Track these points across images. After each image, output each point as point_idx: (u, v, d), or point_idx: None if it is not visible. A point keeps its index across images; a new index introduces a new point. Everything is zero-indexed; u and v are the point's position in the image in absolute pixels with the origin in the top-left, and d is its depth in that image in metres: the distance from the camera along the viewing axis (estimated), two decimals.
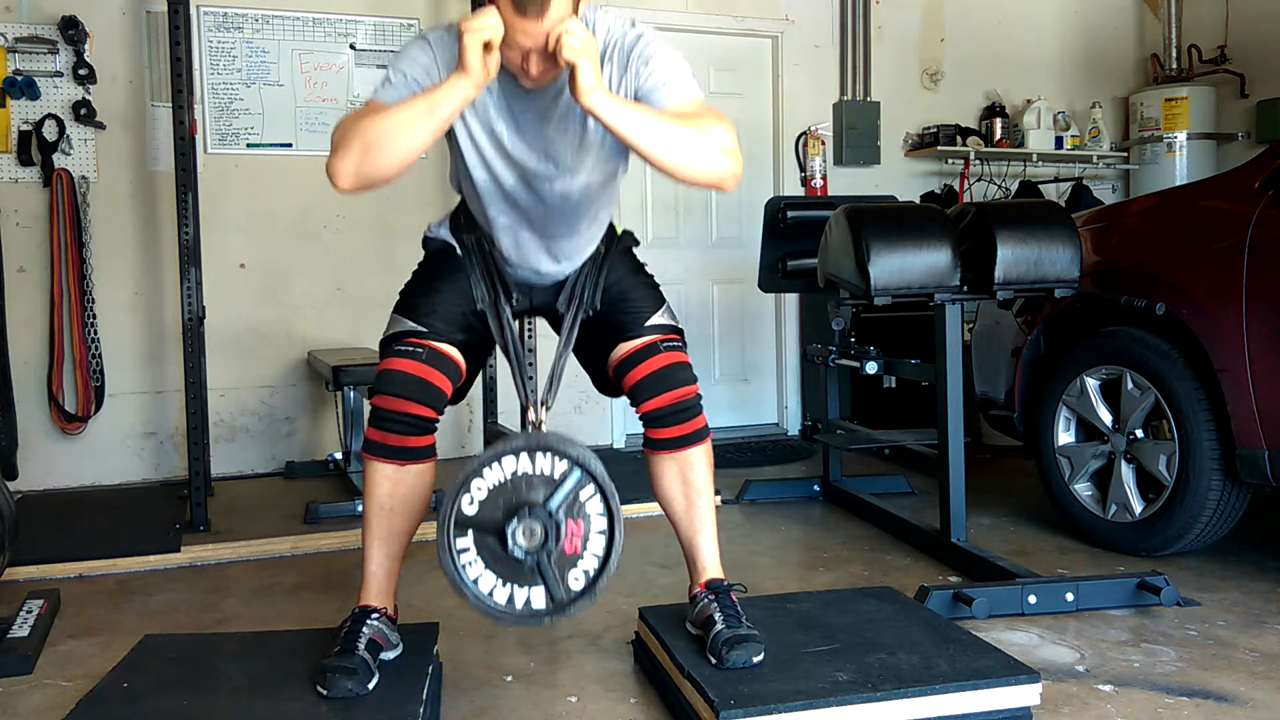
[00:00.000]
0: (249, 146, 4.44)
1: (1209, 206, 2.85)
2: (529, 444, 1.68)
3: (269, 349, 4.47)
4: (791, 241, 3.67)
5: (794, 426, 5.32)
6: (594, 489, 1.68)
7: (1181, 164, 5.62)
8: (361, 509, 2.02)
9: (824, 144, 5.32)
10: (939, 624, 2.11)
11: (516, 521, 1.66)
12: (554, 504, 1.67)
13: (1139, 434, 2.93)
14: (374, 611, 1.96)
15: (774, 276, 3.75)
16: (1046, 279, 2.77)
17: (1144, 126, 5.74)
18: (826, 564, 3.00)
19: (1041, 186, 5.63)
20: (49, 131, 4.11)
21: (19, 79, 4.05)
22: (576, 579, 1.69)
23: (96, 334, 4.19)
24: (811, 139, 5.31)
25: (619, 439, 5.02)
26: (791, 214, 3.66)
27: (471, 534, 1.68)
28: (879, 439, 3.66)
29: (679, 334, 2.07)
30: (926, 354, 3.05)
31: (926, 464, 3.52)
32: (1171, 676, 2.10)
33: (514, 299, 2.09)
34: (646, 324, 2.04)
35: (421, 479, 1.98)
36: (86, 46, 4.15)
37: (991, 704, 1.82)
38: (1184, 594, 2.55)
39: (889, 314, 3.38)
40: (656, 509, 2.18)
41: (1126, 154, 5.85)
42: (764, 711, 1.72)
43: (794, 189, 5.31)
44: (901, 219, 2.93)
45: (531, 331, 3.99)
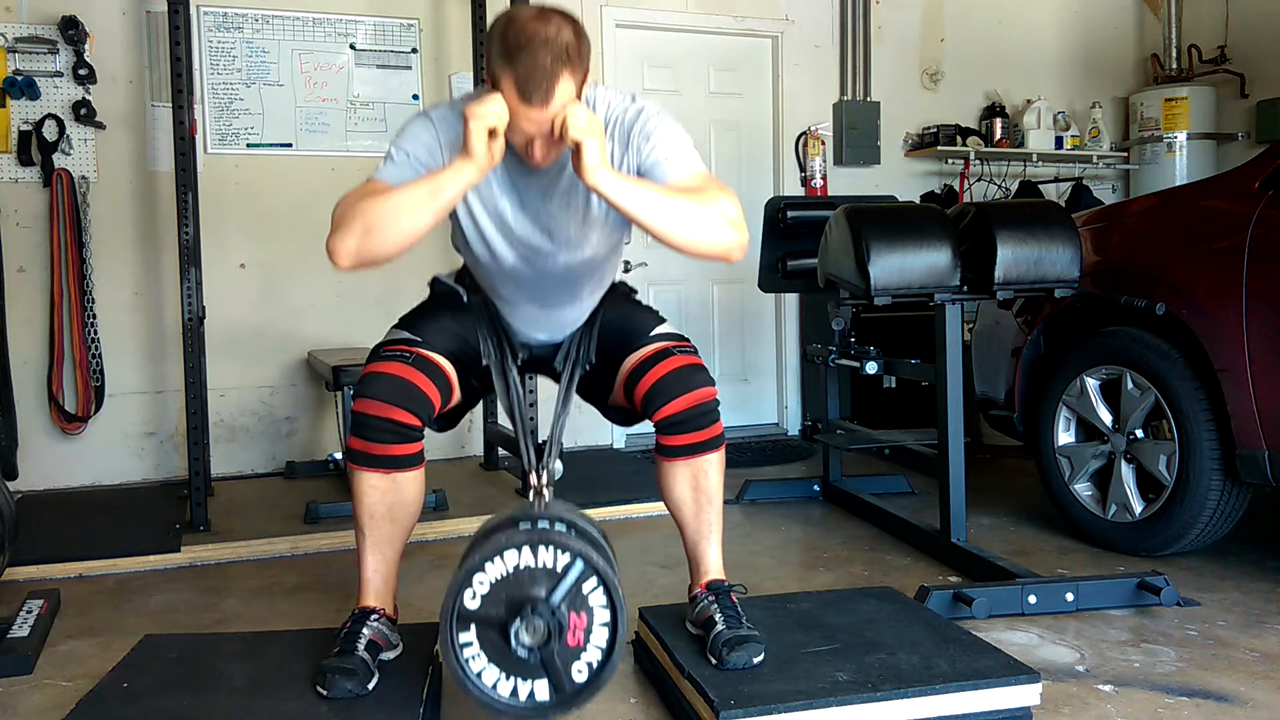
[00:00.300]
0: (249, 146, 4.44)
1: (1209, 206, 2.85)
2: (531, 539, 1.68)
3: (269, 349, 4.47)
4: (791, 241, 3.67)
5: (794, 426, 5.32)
6: (596, 581, 1.68)
7: (1181, 164, 5.62)
8: (351, 518, 1.99)
9: (824, 144, 5.32)
10: (939, 624, 2.11)
11: (520, 620, 1.65)
12: (556, 598, 1.66)
13: (1139, 434, 2.93)
14: (374, 612, 1.96)
15: (774, 276, 3.75)
16: (1046, 279, 2.77)
17: (1144, 126, 5.74)
18: (826, 564, 3.00)
19: (1041, 186, 5.63)
20: (49, 131, 4.11)
21: (19, 79, 4.05)
22: (580, 671, 1.69)
23: (96, 334, 4.19)
24: (811, 139, 5.31)
25: (619, 439, 5.02)
26: (791, 214, 3.67)
27: (474, 629, 1.68)
28: (879, 439, 3.66)
29: (687, 341, 2.04)
30: (926, 354, 3.05)
31: (926, 464, 3.52)
32: (1171, 676, 2.10)
33: (518, 358, 2.11)
34: (652, 334, 2.03)
35: (410, 486, 1.95)
36: (86, 46, 4.15)
37: (991, 704, 1.82)
38: (1184, 594, 2.55)
39: (889, 314, 3.38)
40: (657, 509, 2.18)
41: (1126, 154, 5.85)
42: (764, 711, 1.72)
43: (794, 189, 5.31)
44: (901, 219, 2.93)
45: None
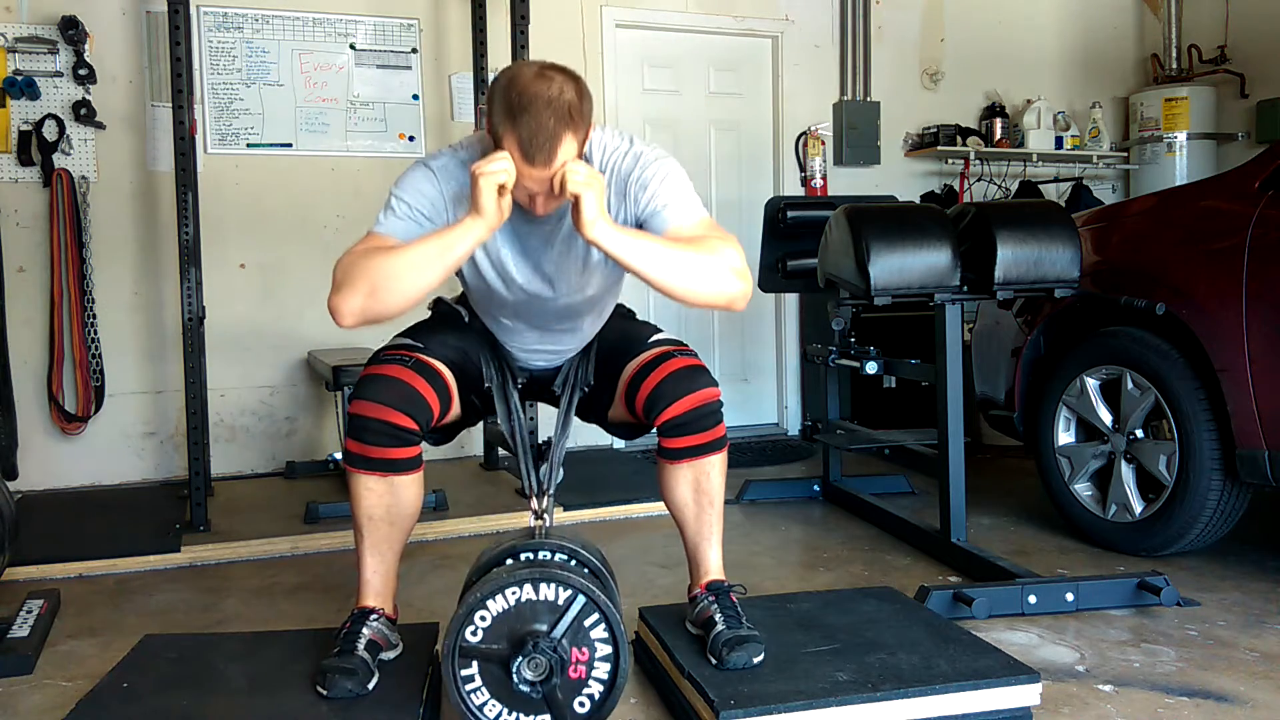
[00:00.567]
0: (249, 146, 4.44)
1: (1209, 206, 2.85)
2: (533, 575, 1.68)
3: (269, 349, 4.47)
4: (791, 241, 3.67)
5: (794, 426, 5.32)
6: (598, 616, 1.69)
7: (1181, 164, 5.62)
8: (351, 518, 1.99)
9: (824, 144, 5.32)
10: (939, 624, 2.11)
11: (522, 656, 1.66)
12: (558, 633, 1.67)
13: (1139, 434, 2.93)
14: (373, 612, 1.96)
15: (774, 276, 3.75)
16: (1046, 279, 2.77)
17: (1144, 126, 5.74)
18: (826, 564, 3.00)
19: (1041, 186, 5.63)
20: (49, 131, 4.11)
21: (19, 79, 4.05)
22: (581, 704, 1.70)
23: (96, 334, 4.19)
24: (811, 139, 5.31)
25: (619, 439, 5.02)
26: (791, 214, 3.66)
27: (476, 663, 1.68)
28: (879, 439, 3.66)
29: (686, 345, 2.03)
30: (926, 354, 3.05)
31: (926, 464, 3.52)
32: (1171, 676, 2.10)
33: (518, 382, 2.12)
34: (651, 340, 2.03)
35: (409, 489, 1.95)
36: (86, 46, 4.15)
37: (991, 704, 1.82)
38: (1184, 594, 2.55)
39: (889, 314, 3.38)
40: (656, 509, 2.18)
41: (1126, 154, 5.85)
42: (764, 711, 1.72)
43: (794, 189, 5.30)
44: (901, 219, 2.93)
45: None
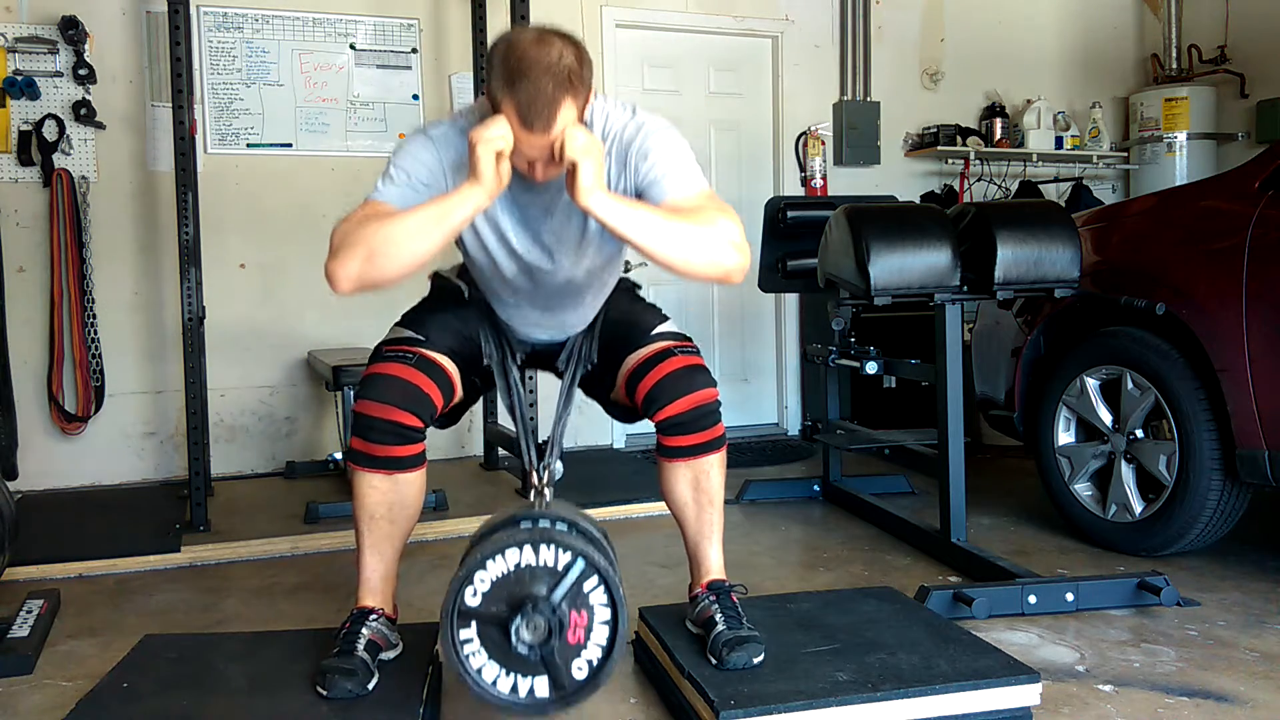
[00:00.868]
0: (249, 146, 4.44)
1: (1209, 206, 2.85)
2: (532, 537, 1.68)
3: (269, 349, 4.47)
4: (791, 241, 3.67)
5: (794, 426, 5.32)
6: (597, 579, 1.68)
7: (1181, 164, 5.62)
8: (352, 516, 1.99)
9: (824, 144, 5.32)
10: (939, 624, 2.11)
11: (520, 618, 1.66)
12: (557, 596, 1.66)
13: (1139, 434, 2.93)
14: (373, 612, 1.96)
15: (774, 276, 3.75)
16: (1046, 279, 2.77)
17: (1144, 126, 5.74)
18: (826, 564, 3.00)
19: (1041, 186, 5.63)
20: (49, 131, 4.11)
21: (19, 79, 4.05)
22: (580, 668, 1.69)
23: (96, 334, 4.19)
24: (811, 139, 5.31)
25: (619, 439, 5.02)
26: (791, 214, 3.66)
27: (474, 625, 1.68)
28: (879, 439, 3.66)
29: (689, 341, 2.03)
30: (926, 354, 3.05)
31: (926, 464, 3.52)
32: (1171, 676, 2.10)
33: (519, 356, 2.11)
34: (654, 332, 2.02)
35: (412, 487, 1.95)
36: (86, 46, 4.15)
37: (991, 704, 1.82)
38: (1184, 594, 2.55)
39: (889, 314, 3.38)
40: (657, 509, 2.18)
41: (1126, 154, 5.85)
42: (764, 711, 1.72)
43: (794, 189, 5.31)
44: (901, 219, 2.93)
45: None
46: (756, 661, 1.87)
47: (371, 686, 1.83)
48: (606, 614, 1.69)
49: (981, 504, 3.54)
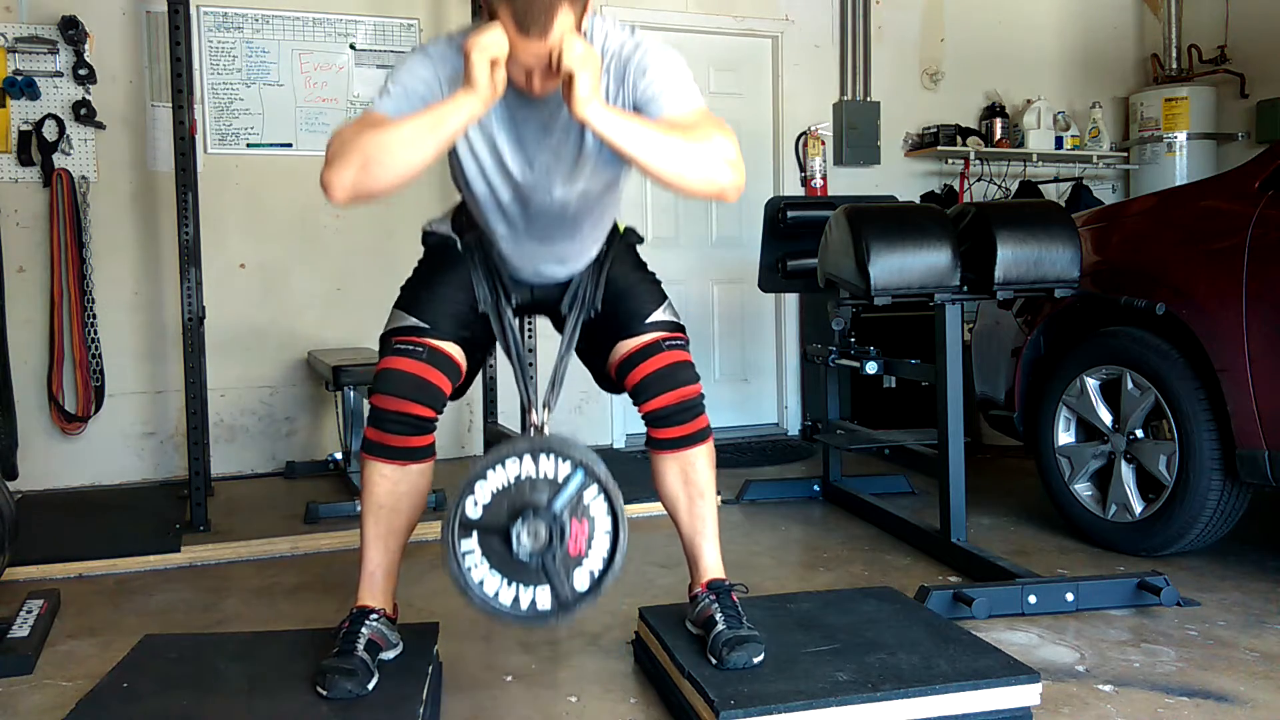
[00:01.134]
0: (249, 146, 4.44)
1: (1209, 206, 2.85)
2: (532, 447, 1.68)
3: (269, 349, 4.47)
4: (791, 241, 3.67)
5: (794, 426, 5.32)
6: (598, 490, 1.68)
7: (1181, 164, 5.62)
8: (359, 508, 2.01)
9: (824, 144, 5.32)
10: (939, 624, 2.11)
11: (521, 523, 1.66)
12: (558, 505, 1.67)
13: (1139, 434, 2.93)
14: (373, 612, 1.96)
15: (774, 276, 3.75)
16: (1046, 279, 2.77)
17: (1144, 126, 5.74)
18: (826, 564, 3.00)
19: (1041, 186, 5.63)
20: (49, 131, 4.11)
21: (19, 79, 4.05)
22: (581, 579, 1.69)
23: (96, 334, 4.19)
24: (811, 139, 5.31)
25: (619, 439, 5.02)
26: (791, 214, 3.66)
27: (476, 536, 1.68)
28: (879, 439, 3.66)
29: (681, 331, 2.05)
30: (926, 354, 3.05)
31: (926, 464, 3.52)
32: (1171, 676, 2.10)
33: (514, 299, 2.09)
34: (648, 321, 2.02)
35: (421, 479, 1.98)
36: (86, 46, 4.15)
37: (991, 704, 1.82)
38: (1184, 594, 2.55)
39: (889, 314, 3.38)
40: (657, 509, 2.18)
41: (1126, 154, 5.86)
42: (764, 711, 1.72)
43: (794, 189, 5.31)
44: (901, 219, 2.93)
45: (531, 332, 3.99)
46: (756, 661, 1.87)
47: (371, 686, 1.83)
48: (607, 524, 1.69)
49: (981, 504, 3.55)
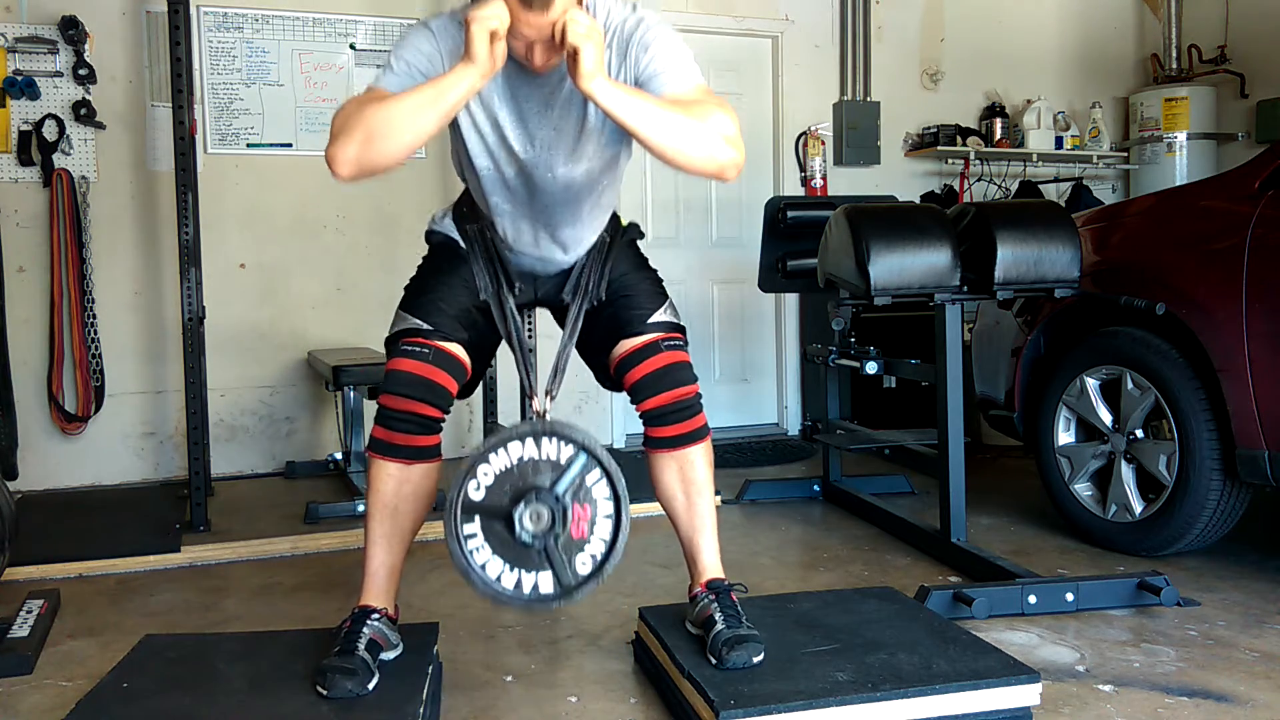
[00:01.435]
0: (249, 146, 4.45)
1: (1209, 206, 2.85)
2: (534, 430, 1.68)
3: (269, 349, 4.47)
4: (791, 241, 3.67)
5: (794, 426, 5.32)
6: (600, 474, 1.68)
7: (1181, 164, 5.62)
8: (364, 508, 2.02)
9: (824, 144, 5.32)
10: (939, 624, 2.11)
11: (523, 506, 1.66)
12: (560, 488, 1.67)
13: (1139, 434, 2.93)
14: (374, 612, 1.96)
15: (774, 276, 3.75)
16: (1046, 279, 2.77)
17: (1144, 126, 5.74)
18: (826, 564, 3.00)
19: (1041, 186, 5.63)
20: (49, 131, 4.11)
21: (19, 79, 4.05)
22: (584, 563, 1.69)
23: (96, 334, 4.19)
24: (811, 139, 5.31)
25: (619, 439, 5.02)
26: (791, 214, 3.67)
27: (478, 519, 1.68)
28: (879, 439, 3.66)
29: (681, 331, 2.06)
30: (926, 354, 3.05)
31: (926, 464, 3.52)
32: (1171, 676, 2.10)
33: (517, 289, 2.09)
34: (648, 321, 2.03)
35: (427, 478, 1.99)
36: (86, 46, 4.15)
37: (991, 704, 1.82)
38: (1184, 594, 2.55)
39: (889, 314, 3.38)
40: (657, 509, 2.18)
41: (1126, 154, 5.86)
42: (764, 711, 1.72)
43: (794, 189, 5.31)
44: (901, 219, 2.93)
45: (531, 331, 3.99)
46: (756, 661, 1.87)
47: (372, 686, 1.83)
48: (609, 508, 1.69)
49: (981, 504, 3.55)
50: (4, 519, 2.51)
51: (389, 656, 1.95)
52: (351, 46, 4.58)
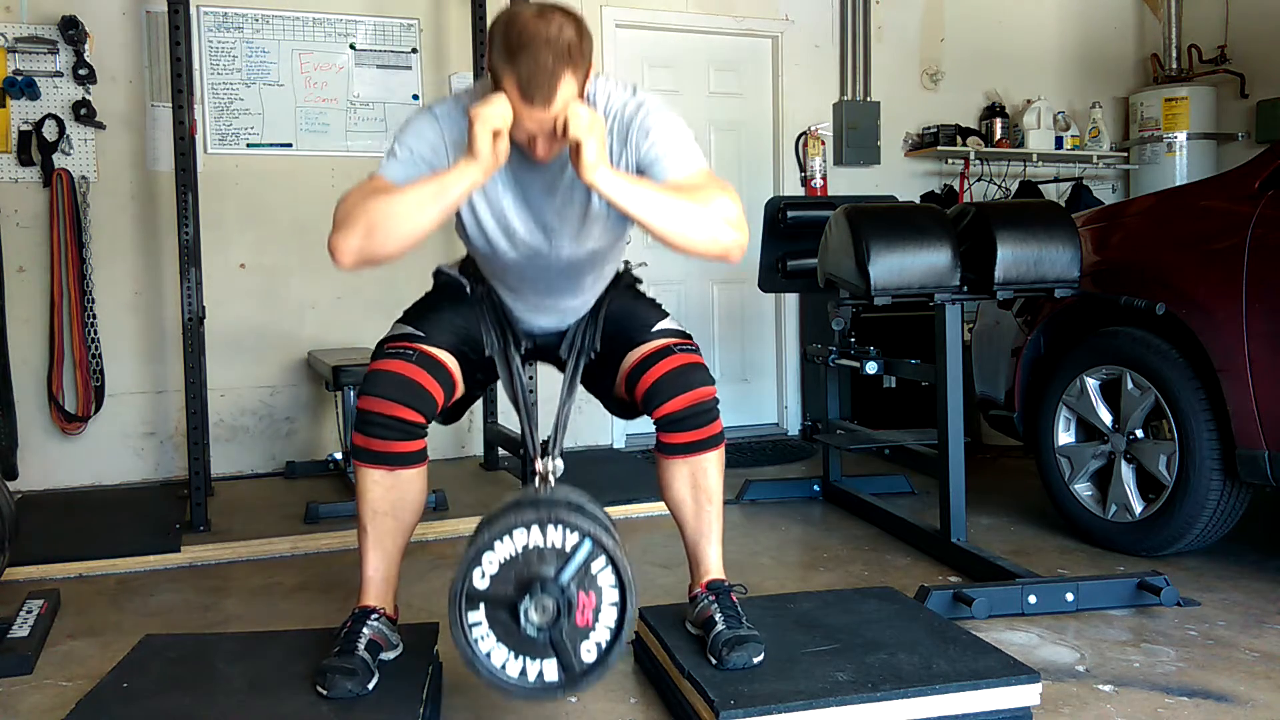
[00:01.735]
0: (249, 146, 4.44)
1: (1209, 206, 2.85)
2: (540, 517, 1.68)
3: (269, 349, 4.47)
4: (791, 241, 3.67)
5: (794, 426, 5.32)
6: (605, 560, 1.68)
7: (1181, 164, 5.62)
8: (354, 516, 2.00)
9: (824, 144, 5.32)
10: (939, 624, 2.11)
11: (529, 598, 1.65)
12: (565, 577, 1.66)
13: (1139, 434, 2.93)
14: (374, 612, 1.96)
15: (774, 276, 3.75)
16: (1046, 279, 2.77)
17: (1144, 126, 5.74)
18: (826, 564, 3.00)
19: (1041, 186, 5.63)
20: (49, 131, 4.11)
21: (19, 79, 4.05)
22: (589, 650, 1.69)
23: (96, 334, 4.19)
24: (811, 139, 5.31)
25: (619, 439, 5.02)
26: (791, 214, 3.66)
27: (483, 608, 1.68)
28: (879, 439, 3.66)
29: (689, 339, 2.05)
30: (926, 354, 3.05)
31: (926, 464, 3.52)
32: (1171, 676, 2.10)
33: (523, 347, 2.12)
34: (653, 329, 2.03)
35: (414, 484, 1.96)
36: (86, 46, 4.15)
37: (991, 704, 1.82)
38: (1184, 594, 2.55)
39: (889, 314, 3.38)
40: (657, 509, 2.18)
41: (1126, 154, 5.86)
42: (764, 711, 1.72)
43: (794, 189, 5.31)
44: (901, 219, 2.93)
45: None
46: (756, 661, 1.87)
47: (371, 686, 1.83)
48: (615, 595, 1.68)
49: (981, 504, 3.55)
50: (4, 519, 2.51)
51: (389, 656, 1.95)
52: (351, 46, 4.58)
